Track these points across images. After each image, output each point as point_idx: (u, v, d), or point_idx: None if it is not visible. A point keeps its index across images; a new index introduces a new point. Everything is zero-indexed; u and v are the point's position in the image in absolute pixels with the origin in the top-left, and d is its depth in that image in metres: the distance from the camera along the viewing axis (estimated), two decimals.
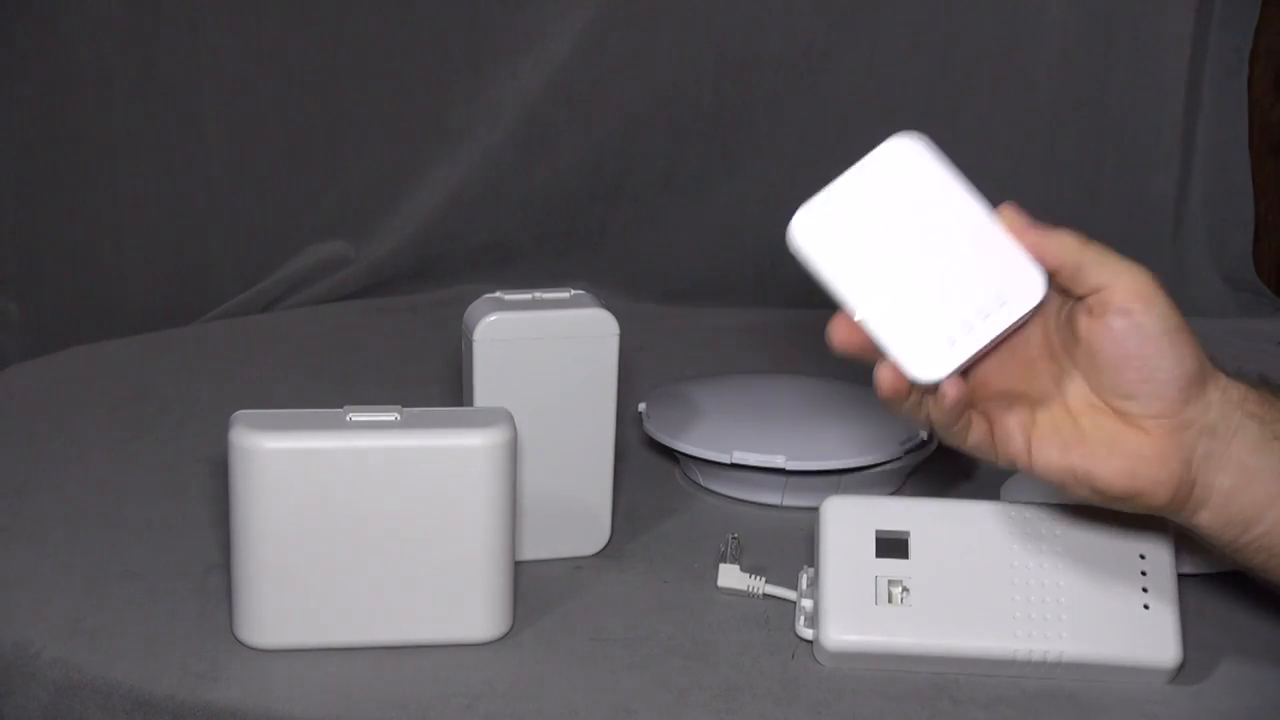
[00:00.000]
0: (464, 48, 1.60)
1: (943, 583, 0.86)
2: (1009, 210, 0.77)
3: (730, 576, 0.95)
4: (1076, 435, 0.76)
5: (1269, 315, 1.64)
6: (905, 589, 0.86)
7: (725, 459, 1.06)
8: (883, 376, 0.76)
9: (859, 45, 1.62)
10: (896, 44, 1.62)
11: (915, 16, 1.62)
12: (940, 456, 1.17)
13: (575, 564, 0.98)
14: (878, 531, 0.88)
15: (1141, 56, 1.62)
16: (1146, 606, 0.85)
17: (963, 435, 0.77)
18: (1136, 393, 0.75)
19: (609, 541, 1.00)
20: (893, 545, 0.87)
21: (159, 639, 0.87)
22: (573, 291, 0.97)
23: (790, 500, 1.07)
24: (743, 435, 1.06)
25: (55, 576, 0.94)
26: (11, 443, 1.15)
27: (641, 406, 1.13)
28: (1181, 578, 0.87)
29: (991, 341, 0.76)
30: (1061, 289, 0.76)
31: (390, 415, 0.85)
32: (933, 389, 0.75)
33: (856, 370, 1.31)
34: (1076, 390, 0.77)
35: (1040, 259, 0.75)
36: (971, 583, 0.86)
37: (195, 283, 1.61)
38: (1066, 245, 0.75)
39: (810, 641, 0.88)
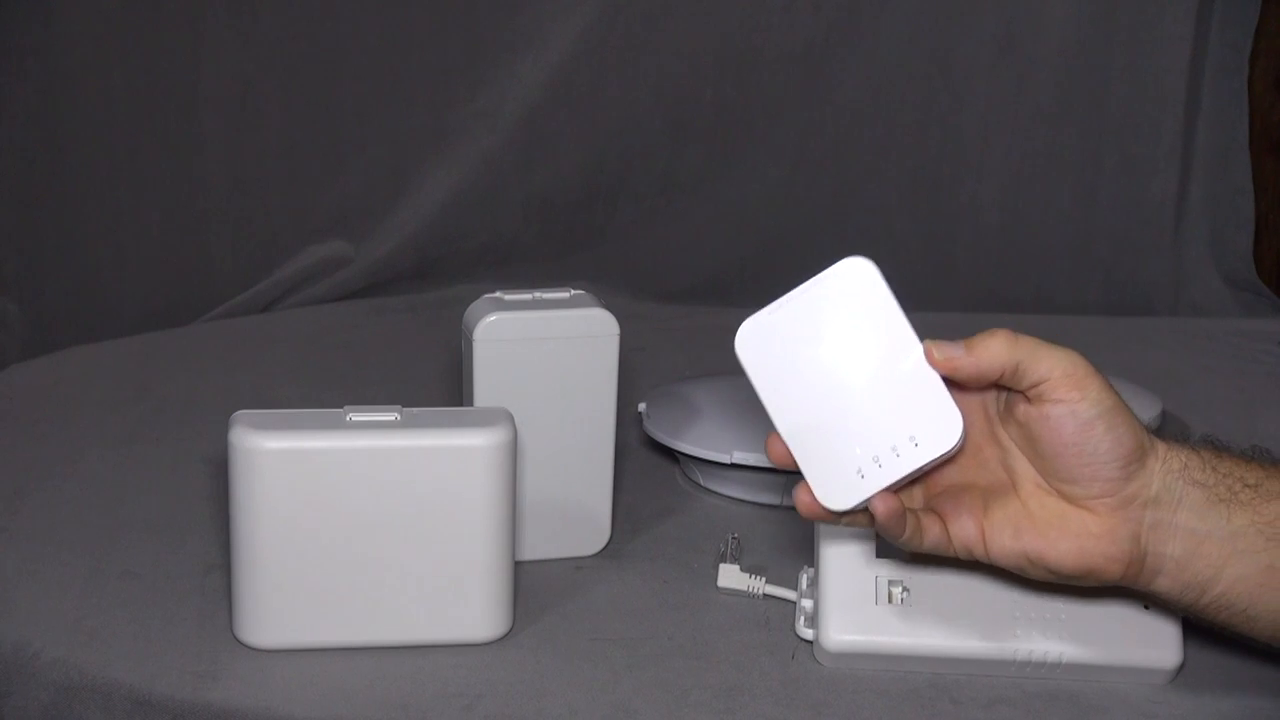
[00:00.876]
0: (463, 48, 1.60)
1: (943, 583, 0.86)
2: (933, 349, 0.78)
3: (730, 576, 0.95)
4: (1027, 519, 0.78)
5: (1269, 315, 1.64)
6: (905, 589, 0.86)
7: (725, 459, 1.06)
8: (800, 500, 0.78)
9: (859, 45, 1.62)
10: (896, 44, 1.62)
11: (915, 16, 1.62)
12: None
13: (575, 564, 0.98)
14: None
15: (1141, 56, 1.62)
16: (1147, 607, 0.85)
17: (917, 540, 0.78)
18: (1078, 476, 0.76)
19: (609, 541, 1.00)
20: (893, 545, 0.87)
21: (159, 639, 0.87)
22: (573, 291, 0.97)
23: (790, 500, 1.07)
24: (743, 435, 1.06)
25: (55, 576, 0.94)
26: (11, 443, 1.15)
27: (641, 406, 1.13)
28: None
29: (901, 479, 0.77)
30: (1003, 387, 0.78)
31: (390, 415, 0.85)
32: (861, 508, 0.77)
33: None
34: (1024, 473, 0.79)
35: (980, 376, 0.77)
36: (972, 583, 0.86)
37: (195, 283, 1.61)
38: (997, 353, 0.77)
39: (810, 641, 0.88)
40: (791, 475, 1.05)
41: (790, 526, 1.03)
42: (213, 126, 1.59)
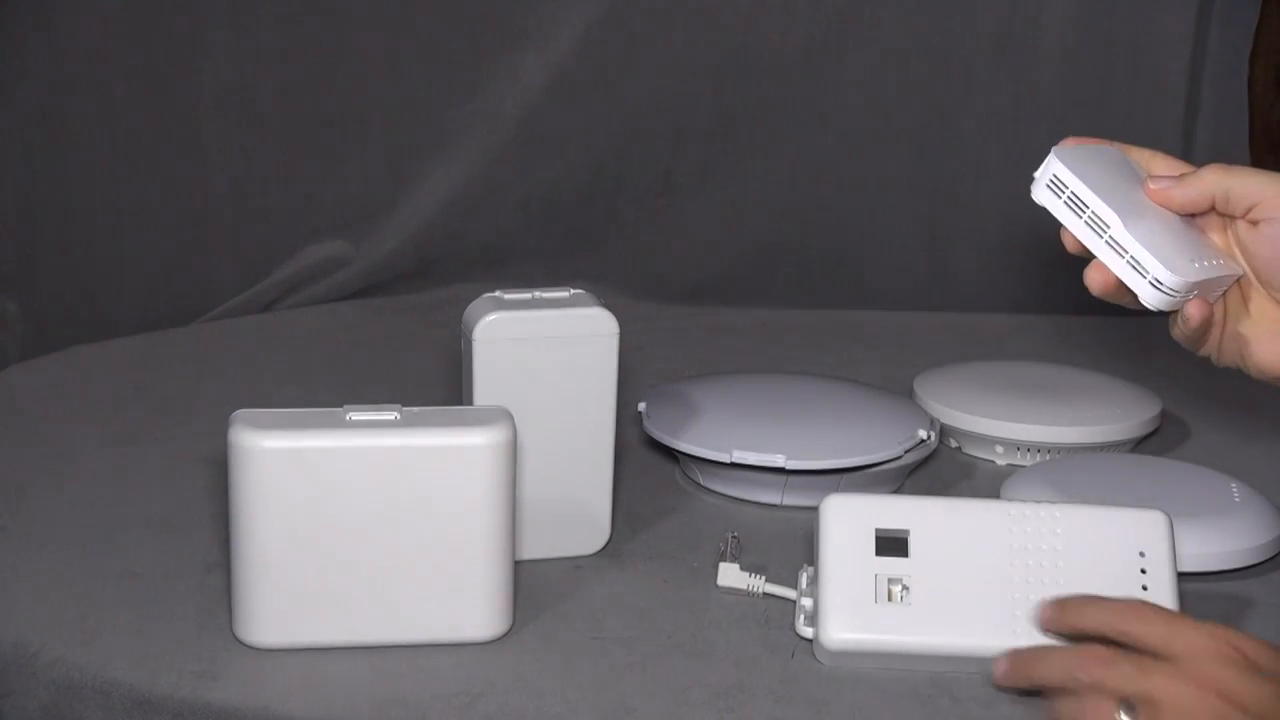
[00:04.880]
0: (464, 48, 1.60)
1: (942, 581, 0.86)
2: (1150, 182, 0.87)
3: (730, 575, 0.95)
4: (1246, 317, 0.87)
5: None
6: (905, 587, 0.86)
7: (725, 458, 1.06)
8: (1092, 278, 0.87)
9: (859, 45, 1.62)
10: (896, 44, 1.62)
11: (915, 16, 1.62)
12: (940, 456, 1.17)
13: (575, 564, 0.98)
14: (877, 530, 0.88)
15: (1141, 56, 1.62)
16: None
17: (1211, 343, 0.88)
18: None
19: (609, 541, 1.00)
20: (893, 543, 0.88)
21: (159, 639, 0.87)
22: (572, 291, 0.97)
23: (790, 500, 1.07)
24: (743, 435, 1.06)
25: (55, 576, 0.94)
26: (11, 443, 1.15)
27: (641, 406, 1.13)
28: (1182, 576, 0.87)
29: (1216, 279, 0.85)
30: (1223, 214, 0.86)
31: (390, 415, 0.85)
32: (1173, 311, 0.85)
33: (857, 370, 1.31)
34: (1249, 273, 0.87)
35: (1193, 204, 0.86)
36: (971, 581, 0.86)
37: (195, 283, 1.61)
38: (1209, 182, 0.85)
39: (810, 640, 0.88)
40: (792, 474, 1.05)
41: (790, 526, 1.03)
42: (213, 126, 1.59)
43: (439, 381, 1.29)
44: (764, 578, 0.94)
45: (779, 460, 1.04)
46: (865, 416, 1.10)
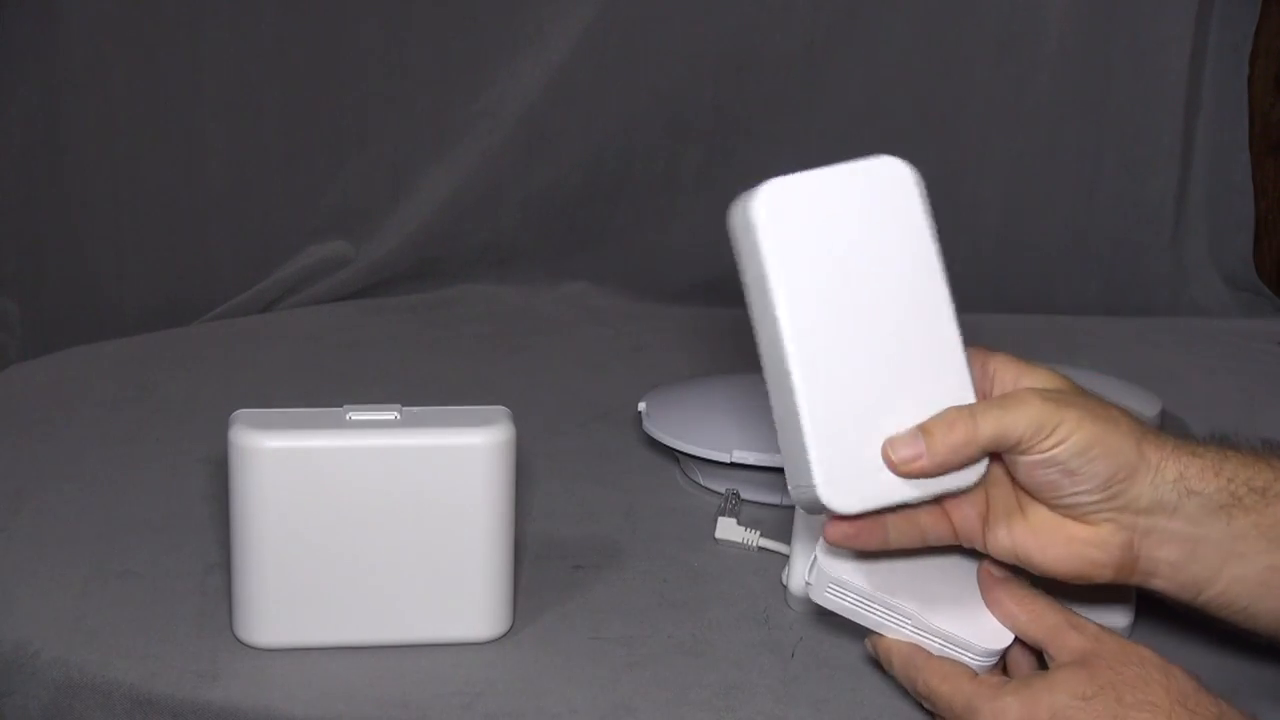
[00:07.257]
0: (464, 48, 1.60)
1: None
2: (890, 451, 0.76)
3: (728, 529, 0.99)
4: (1022, 521, 0.77)
5: (1269, 315, 1.64)
6: None
7: (725, 458, 1.06)
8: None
9: (859, 45, 1.62)
10: (896, 44, 1.62)
11: (915, 16, 1.62)
12: None
13: (575, 563, 0.98)
14: None
15: (1141, 56, 1.62)
16: None
17: (910, 540, 0.78)
18: (1056, 505, 0.76)
19: (610, 541, 1.00)
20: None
21: (159, 639, 0.87)
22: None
23: (790, 500, 1.07)
24: (743, 435, 1.06)
25: (55, 576, 0.94)
26: (11, 443, 1.15)
27: (641, 406, 1.13)
28: None
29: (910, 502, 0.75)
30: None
31: (390, 414, 0.85)
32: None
33: None
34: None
35: (947, 469, 0.75)
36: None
37: (195, 283, 1.61)
38: (958, 448, 0.74)
39: (804, 589, 0.90)
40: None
41: (791, 525, 1.03)
42: (213, 126, 1.59)
43: (439, 381, 1.29)
44: (759, 532, 0.98)
45: (779, 460, 1.04)
46: None
